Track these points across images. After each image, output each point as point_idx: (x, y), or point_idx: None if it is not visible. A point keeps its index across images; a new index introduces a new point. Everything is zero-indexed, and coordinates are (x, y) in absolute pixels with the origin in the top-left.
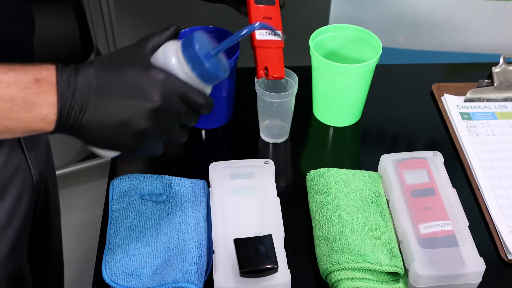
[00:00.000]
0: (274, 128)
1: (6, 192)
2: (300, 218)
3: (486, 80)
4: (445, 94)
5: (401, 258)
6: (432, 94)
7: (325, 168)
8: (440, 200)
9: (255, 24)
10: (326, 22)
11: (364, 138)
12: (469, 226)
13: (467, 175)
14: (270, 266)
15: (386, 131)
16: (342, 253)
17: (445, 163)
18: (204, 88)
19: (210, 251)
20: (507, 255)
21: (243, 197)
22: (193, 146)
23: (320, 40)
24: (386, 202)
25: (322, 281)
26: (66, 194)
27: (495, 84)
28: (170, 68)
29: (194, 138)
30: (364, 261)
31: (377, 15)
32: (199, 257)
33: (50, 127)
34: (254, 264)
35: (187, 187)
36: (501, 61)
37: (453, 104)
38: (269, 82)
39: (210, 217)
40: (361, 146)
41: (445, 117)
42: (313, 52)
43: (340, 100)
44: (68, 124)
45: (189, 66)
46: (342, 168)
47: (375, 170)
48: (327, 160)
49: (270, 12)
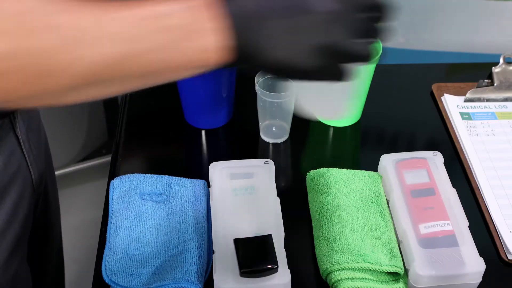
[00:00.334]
0: (274, 128)
1: (6, 194)
2: (300, 218)
3: (486, 80)
4: (445, 94)
5: (401, 258)
6: (432, 94)
7: (325, 168)
8: (440, 200)
9: None
10: None
11: (364, 138)
12: (469, 226)
13: (467, 175)
14: (270, 266)
15: (386, 131)
16: (342, 253)
17: (445, 163)
18: None
19: (210, 251)
20: (507, 255)
21: (243, 197)
22: (193, 146)
23: None
24: (386, 202)
25: (322, 281)
26: (66, 194)
27: (495, 84)
28: None
29: (194, 138)
30: (364, 261)
31: None
32: (199, 257)
33: (222, 56)
34: (254, 264)
35: (187, 187)
36: (501, 61)
37: (453, 104)
38: (269, 82)
39: (210, 217)
40: (361, 146)
41: (445, 117)
42: None
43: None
44: (239, 50)
45: None
46: (342, 168)
47: (375, 170)
48: (327, 160)
49: None
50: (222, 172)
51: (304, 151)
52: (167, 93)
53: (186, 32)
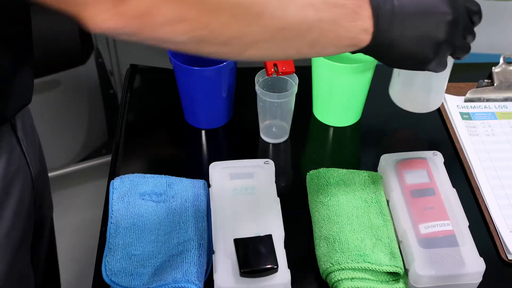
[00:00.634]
0: (274, 128)
1: (10, 193)
2: (300, 218)
3: (486, 80)
4: (445, 94)
5: (401, 258)
6: None
7: (325, 168)
8: (440, 200)
9: None
10: None
11: (364, 138)
12: (469, 226)
13: (467, 175)
14: (270, 266)
15: (386, 131)
16: (342, 253)
17: (445, 163)
18: None
19: (210, 251)
20: (507, 255)
21: (243, 197)
22: (193, 146)
23: None
24: (386, 202)
25: (322, 281)
26: (66, 194)
27: (495, 84)
28: None
29: (194, 138)
30: (364, 261)
31: None
32: (199, 257)
33: (367, 40)
34: (254, 264)
35: (187, 187)
36: (501, 61)
37: (453, 104)
38: (269, 82)
39: (210, 217)
40: (361, 146)
41: (445, 117)
42: None
43: (340, 100)
44: (380, 37)
45: None
46: (342, 168)
47: (375, 170)
48: (327, 160)
49: None
50: (222, 172)
51: (304, 151)
52: (167, 93)
53: (351, 12)
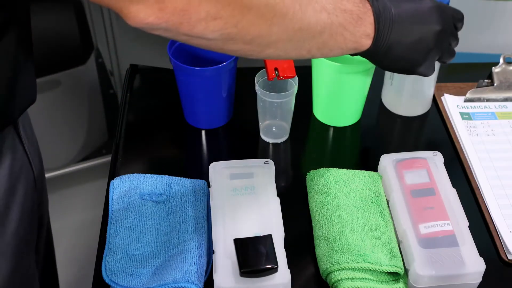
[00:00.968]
0: (274, 128)
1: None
2: (300, 218)
3: (486, 80)
4: (445, 94)
5: (401, 258)
6: None
7: (325, 168)
8: (440, 200)
9: None
10: None
11: (364, 138)
12: (469, 226)
13: (467, 175)
14: (270, 266)
15: (386, 131)
16: (342, 253)
17: (445, 163)
18: None
19: (210, 251)
20: (507, 255)
21: (243, 197)
22: (193, 146)
23: None
24: (386, 202)
25: (322, 281)
26: (66, 194)
27: (495, 84)
28: None
29: (194, 138)
30: (364, 261)
31: None
32: (199, 257)
33: (368, 44)
34: (254, 264)
35: (187, 187)
36: (501, 61)
37: (453, 104)
38: (269, 82)
39: (210, 217)
40: (361, 146)
41: (445, 117)
42: None
43: (340, 100)
44: (379, 42)
45: None
46: (342, 168)
47: (375, 170)
48: (327, 160)
49: None
50: (222, 172)
51: (304, 151)
52: (167, 93)
53: (357, 17)
